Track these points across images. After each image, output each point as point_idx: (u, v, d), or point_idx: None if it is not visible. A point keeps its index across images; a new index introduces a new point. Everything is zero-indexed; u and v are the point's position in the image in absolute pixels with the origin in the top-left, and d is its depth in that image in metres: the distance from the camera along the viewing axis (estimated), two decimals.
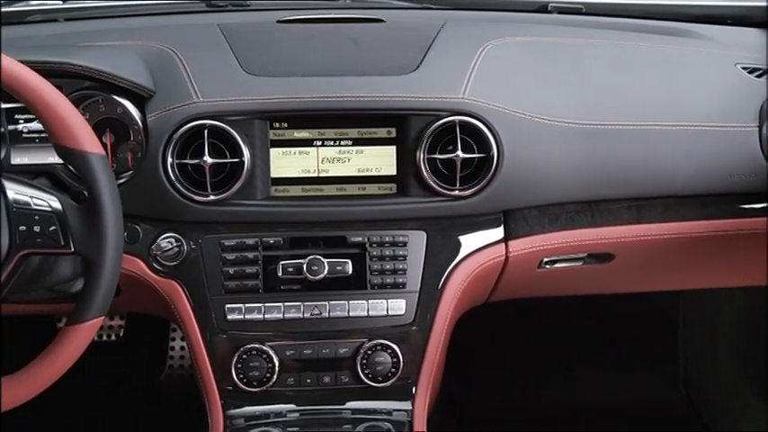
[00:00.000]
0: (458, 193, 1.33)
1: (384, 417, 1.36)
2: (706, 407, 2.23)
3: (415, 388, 1.38)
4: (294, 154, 1.34)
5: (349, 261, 1.34)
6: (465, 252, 1.38)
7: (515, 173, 1.33)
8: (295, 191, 1.35)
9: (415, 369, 1.38)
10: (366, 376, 1.35)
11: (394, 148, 1.34)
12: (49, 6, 1.66)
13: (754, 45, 1.54)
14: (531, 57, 1.42)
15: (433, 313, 1.37)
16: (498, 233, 1.41)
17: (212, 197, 1.30)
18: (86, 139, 1.11)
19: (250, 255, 1.34)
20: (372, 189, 1.35)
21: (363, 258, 1.35)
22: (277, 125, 1.33)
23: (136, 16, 1.61)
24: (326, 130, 1.33)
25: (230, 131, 1.28)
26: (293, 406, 1.37)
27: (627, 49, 1.49)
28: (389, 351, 1.35)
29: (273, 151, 1.33)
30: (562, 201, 1.42)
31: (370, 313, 1.35)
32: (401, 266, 1.35)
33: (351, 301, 1.35)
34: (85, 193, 1.13)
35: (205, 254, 1.35)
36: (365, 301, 1.35)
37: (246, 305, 1.34)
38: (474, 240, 1.39)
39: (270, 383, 1.34)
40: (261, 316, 1.34)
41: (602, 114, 1.38)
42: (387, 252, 1.36)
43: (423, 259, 1.36)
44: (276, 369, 1.34)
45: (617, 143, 1.38)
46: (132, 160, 1.31)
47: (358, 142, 1.34)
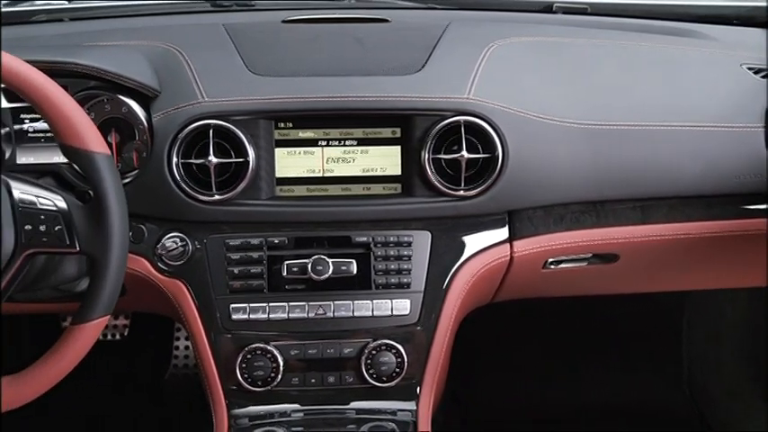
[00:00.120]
0: (462, 193, 1.33)
1: (388, 417, 1.36)
2: (709, 408, 2.23)
3: (419, 388, 1.38)
4: (299, 154, 1.34)
5: (353, 261, 1.34)
6: (470, 252, 1.38)
7: (520, 173, 1.33)
8: (300, 191, 1.35)
9: (419, 369, 1.38)
10: (370, 376, 1.35)
11: (399, 148, 1.34)
12: (55, 6, 1.67)
13: (760, 45, 1.53)
14: (535, 57, 1.41)
15: (437, 313, 1.37)
16: (503, 233, 1.41)
17: (217, 197, 1.30)
18: (92, 139, 1.11)
19: (255, 254, 1.34)
20: (377, 189, 1.35)
21: (368, 258, 1.35)
22: (282, 125, 1.33)
23: (141, 16, 1.62)
24: (331, 129, 1.33)
25: (235, 131, 1.28)
26: (297, 406, 1.37)
27: (632, 50, 1.48)
28: (394, 351, 1.35)
29: (278, 151, 1.33)
30: (567, 201, 1.42)
31: (374, 313, 1.35)
32: (406, 266, 1.35)
33: (355, 301, 1.35)
34: (91, 193, 1.13)
35: (210, 253, 1.35)
36: (370, 301, 1.35)
37: (251, 305, 1.34)
38: (479, 240, 1.39)
39: (274, 383, 1.34)
40: (265, 316, 1.34)
41: (608, 114, 1.38)
42: (391, 252, 1.35)
43: (427, 259, 1.36)
44: (280, 369, 1.34)
45: (622, 143, 1.38)
46: (137, 160, 1.31)
47: (363, 142, 1.34)
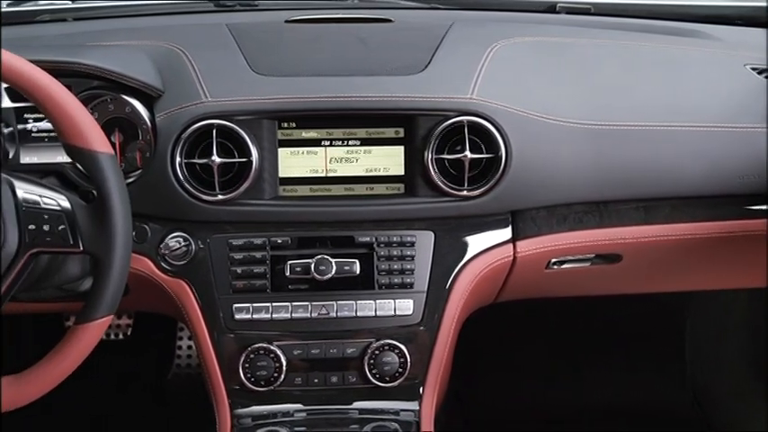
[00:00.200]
0: (466, 193, 1.33)
1: (391, 417, 1.36)
2: (713, 408, 2.23)
3: (422, 388, 1.38)
4: (302, 154, 1.34)
5: (357, 261, 1.34)
6: (473, 252, 1.38)
7: (523, 173, 1.33)
8: (303, 191, 1.35)
9: (422, 369, 1.38)
10: (373, 376, 1.35)
11: (402, 148, 1.34)
12: (58, 6, 1.67)
13: (764, 46, 1.53)
14: (539, 57, 1.41)
15: (440, 313, 1.37)
16: (506, 233, 1.40)
17: (220, 197, 1.30)
18: (95, 139, 1.11)
19: (258, 254, 1.34)
20: (380, 189, 1.35)
21: (371, 258, 1.35)
22: (285, 125, 1.33)
23: (144, 16, 1.62)
24: (334, 129, 1.33)
25: (238, 131, 1.28)
26: (300, 405, 1.37)
27: (635, 50, 1.48)
28: (397, 351, 1.35)
29: (281, 151, 1.33)
30: (570, 201, 1.42)
31: (377, 313, 1.35)
32: (409, 266, 1.35)
33: (358, 301, 1.35)
34: (94, 193, 1.13)
35: (213, 253, 1.35)
36: (373, 301, 1.35)
37: (254, 305, 1.34)
38: (482, 241, 1.39)
39: (277, 383, 1.34)
40: (268, 315, 1.34)
41: (611, 115, 1.38)
42: (394, 252, 1.35)
43: (430, 259, 1.36)
44: (283, 369, 1.34)
45: (624, 143, 1.38)
46: (141, 160, 1.31)
47: (366, 142, 1.34)
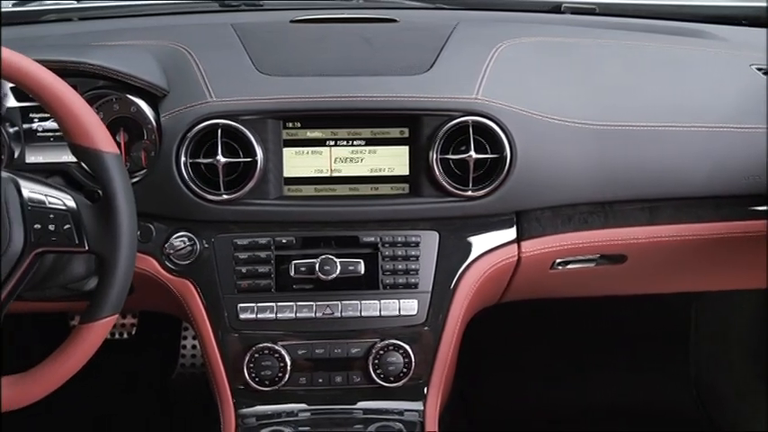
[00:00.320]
0: (471, 193, 1.33)
1: (395, 417, 1.36)
2: (717, 408, 2.22)
3: (426, 388, 1.38)
4: (307, 154, 1.34)
5: (361, 261, 1.34)
6: (477, 252, 1.38)
7: (528, 173, 1.33)
8: (308, 190, 1.35)
9: (426, 369, 1.38)
10: (378, 376, 1.35)
11: (407, 148, 1.34)
12: (64, 6, 1.67)
13: None
14: (544, 57, 1.41)
15: (445, 313, 1.37)
16: (511, 234, 1.40)
17: (225, 196, 1.30)
18: (101, 138, 1.11)
19: (262, 254, 1.35)
20: (385, 189, 1.35)
21: (376, 258, 1.35)
22: (290, 125, 1.33)
23: (150, 16, 1.62)
24: (339, 129, 1.33)
25: (243, 131, 1.28)
26: (305, 405, 1.37)
27: (640, 50, 1.48)
28: (401, 351, 1.35)
29: (286, 151, 1.33)
30: (575, 201, 1.42)
31: (382, 313, 1.35)
32: (413, 267, 1.35)
33: (363, 301, 1.35)
34: (100, 192, 1.13)
35: (218, 253, 1.35)
36: (377, 301, 1.35)
37: (259, 304, 1.34)
38: (486, 241, 1.39)
39: (282, 383, 1.34)
40: (273, 315, 1.34)
41: (616, 115, 1.37)
42: (399, 252, 1.35)
43: (435, 259, 1.36)
44: (288, 368, 1.34)
45: (630, 144, 1.38)
46: (146, 159, 1.31)
47: (371, 142, 1.34)
